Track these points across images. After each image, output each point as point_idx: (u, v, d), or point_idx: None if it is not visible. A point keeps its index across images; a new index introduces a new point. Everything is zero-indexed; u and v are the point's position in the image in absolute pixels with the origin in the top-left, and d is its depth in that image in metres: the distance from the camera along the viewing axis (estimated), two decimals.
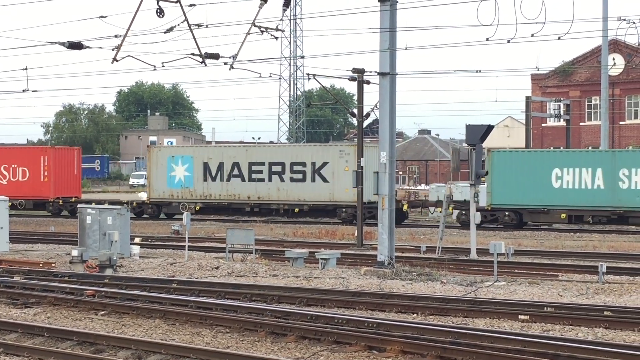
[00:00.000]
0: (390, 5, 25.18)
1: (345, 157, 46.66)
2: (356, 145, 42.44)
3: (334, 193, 47.26)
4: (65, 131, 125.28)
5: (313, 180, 47.75)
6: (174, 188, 51.03)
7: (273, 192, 48.76)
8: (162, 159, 51.73)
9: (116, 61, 23.03)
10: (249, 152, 50.49)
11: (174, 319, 17.46)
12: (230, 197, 49.96)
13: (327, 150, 49.04)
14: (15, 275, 24.41)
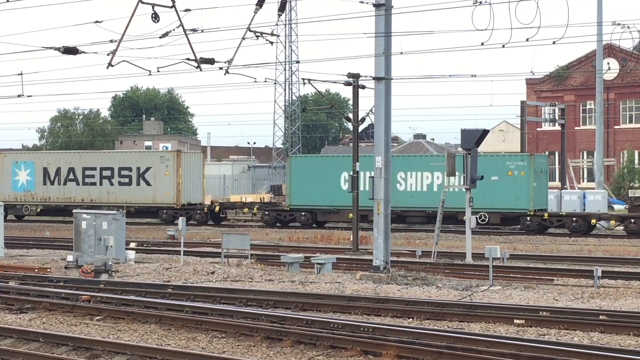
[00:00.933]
0: (386, 10, 25.22)
1: (165, 163, 51.11)
2: (175, 152, 52.58)
3: (156, 196, 51.26)
4: (60, 136, 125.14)
5: (138, 184, 51.68)
6: (17, 192, 54.52)
7: (104, 195, 52.33)
8: (7, 165, 55.02)
9: (111, 66, 23.03)
10: (82, 158, 53.99)
11: (170, 324, 17.44)
12: (67, 200, 53.23)
13: (150, 156, 53.58)
14: (10, 281, 24.37)
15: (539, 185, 44.40)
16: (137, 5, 22.12)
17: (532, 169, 43.91)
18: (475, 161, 29.93)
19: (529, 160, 44.20)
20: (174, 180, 50.72)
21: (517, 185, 43.21)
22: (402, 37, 26.44)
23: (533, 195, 43.72)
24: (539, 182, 44.65)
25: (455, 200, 41.15)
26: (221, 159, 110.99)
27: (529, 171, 43.86)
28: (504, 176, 44.12)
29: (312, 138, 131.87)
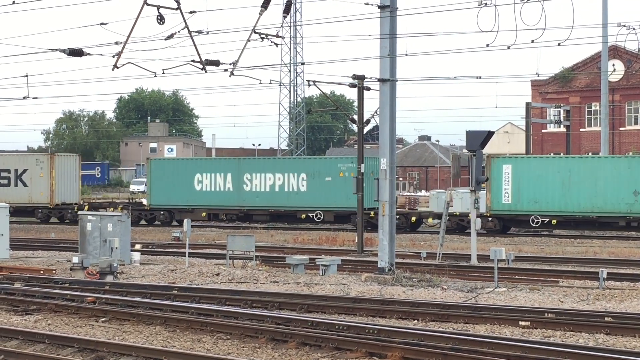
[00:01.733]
0: (391, 12, 25.22)
1: (40, 165, 53.51)
2: (49, 155, 54.62)
3: (32, 196, 53.79)
4: (65, 138, 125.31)
5: (16, 185, 54.18)
6: None
7: None
8: None
9: (117, 68, 23.05)
10: None
11: (175, 326, 17.46)
12: None
13: (26, 158, 55.88)
14: (16, 282, 24.40)
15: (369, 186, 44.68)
16: (142, 7, 22.14)
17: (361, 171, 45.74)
18: (480, 163, 29.92)
19: (356, 162, 44.75)
20: (48, 181, 53.15)
21: (348, 186, 43.77)
22: (407, 38, 26.50)
23: None
24: (370, 182, 44.67)
25: (293, 199, 48.44)
26: None
27: (357, 172, 44.47)
28: (336, 177, 48.00)
29: (317, 140, 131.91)
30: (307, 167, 49.29)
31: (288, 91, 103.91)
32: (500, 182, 44.69)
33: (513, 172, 44.64)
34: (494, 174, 44.50)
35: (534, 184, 44.21)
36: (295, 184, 49.07)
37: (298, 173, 49.12)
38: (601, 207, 43.16)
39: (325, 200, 47.82)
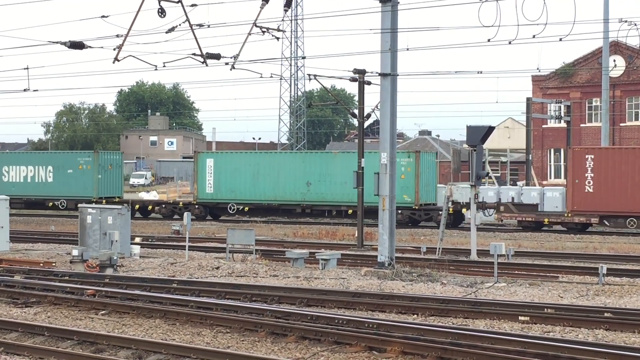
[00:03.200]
0: (392, 6, 25.19)
1: None
2: None
3: None
4: (65, 131, 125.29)
5: None
6: None
7: None
8: None
9: (117, 61, 23.03)
10: None
11: (175, 319, 17.46)
12: None
13: None
14: (15, 275, 24.42)
15: (104, 177, 54.79)
16: (143, 0, 22.12)
17: (97, 163, 54.40)
18: (481, 158, 29.91)
19: (93, 156, 54.99)
20: None
21: (87, 177, 54.33)
22: (408, 33, 26.44)
23: (97, 186, 54.23)
24: (105, 174, 54.81)
25: (42, 189, 55.04)
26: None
27: (93, 165, 54.30)
28: (77, 170, 54.86)
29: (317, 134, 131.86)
30: (53, 161, 55.82)
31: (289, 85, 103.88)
32: (204, 174, 51.30)
33: (215, 165, 51.54)
34: (200, 167, 51.47)
35: (231, 176, 50.77)
36: (44, 175, 55.69)
37: (46, 166, 55.57)
38: (282, 196, 49.86)
39: (68, 190, 54.68)
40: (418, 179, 46.92)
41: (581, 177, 43.16)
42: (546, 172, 70.21)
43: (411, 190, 46.86)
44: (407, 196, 46.47)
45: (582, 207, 43.18)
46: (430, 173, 48.95)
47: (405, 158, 46.99)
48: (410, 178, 46.91)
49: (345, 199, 46.87)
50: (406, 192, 46.33)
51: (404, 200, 45.86)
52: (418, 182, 46.95)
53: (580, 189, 43.13)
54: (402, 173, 45.97)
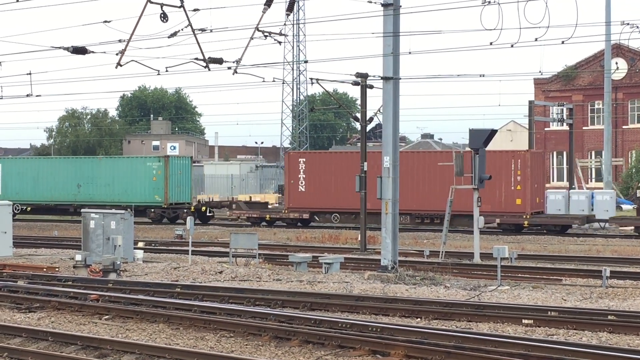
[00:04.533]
0: (394, 10, 25.22)
1: None
2: None
3: None
4: (68, 136, 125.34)
5: None
6: None
7: None
8: None
9: (120, 66, 23.06)
10: None
11: (178, 324, 17.47)
12: None
13: None
14: (19, 280, 24.43)
15: None
16: (145, 5, 22.16)
17: None
18: (484, 161, 29.90)
19: None
20: None
21: None
22: (410, 36, 26.45)
23: None
24: None
25: None
26: (229, 159, 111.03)
27: None
28: None
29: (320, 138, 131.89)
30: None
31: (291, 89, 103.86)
32: None
33: (2, 170, 56.28)
34: None
35: (17, 179, 55.58)
36: None
37: None
38: (58, 197, 54.61)
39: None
40: (167, 181, 52.14)
41: (296, 178, 49.05)
42: (549, 176, 70.15)
43: (161, 191, 52.11)
44: (158, 196, 51.97)
45: (296, 204, 48.74)
46: (182, 176, 53.47)
47: (156, 162, 52.84)
48: (160, 180, 52.21)
49: (109, 199, 52.42)
50: (157, 193, 52.02)
51: (155, 200, 51.60)
52: (167, 183, 52.13)
53: (295, 189, 48.92)
54: (154, 175, 52.28)
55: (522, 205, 44.16)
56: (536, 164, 45.72)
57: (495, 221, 44.85)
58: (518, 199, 44.22)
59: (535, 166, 45.31)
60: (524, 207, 44.13)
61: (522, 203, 44.19)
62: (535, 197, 45.15)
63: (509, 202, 44.31)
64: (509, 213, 44.42)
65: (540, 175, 46.67)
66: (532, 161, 44.79)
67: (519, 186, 44.25)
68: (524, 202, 44.20)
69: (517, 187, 44.23)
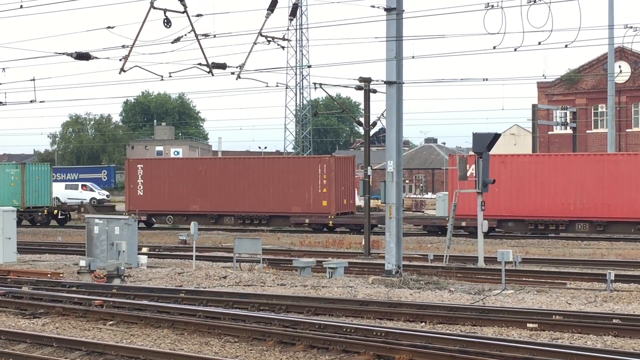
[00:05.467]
0: (397, 15, 25.22)
1: None
2: None
3: None
4: (72, 141, 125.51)
5: None
6: None
7: None
8: None
9: (124, 71, 23.10)
10: None
11: (183, 329, 17.47)
12: None
13: None
14: (23, 286, 24.45)
15: None
16: (149, 10, 22.19)
17: None
18: (487, 165, 29.89)
19: None
20: None
21: None
22: (414, 41, 26.46)
23: None
24: None
25: None
26: None
27: None
28: None
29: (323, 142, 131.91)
30: None
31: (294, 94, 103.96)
32: None
33: None
34: None
35: None
36: None
37: None
38: None
39: None
40: (24, 187, 54.84)
41: (135, 183, 52.74)
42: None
43: (18, 195, 54.80)
44: (15, 200, 54.07)
45: (135, 207, 51.11)
46: (40, 181, 55.76)
47: (14, 169, 55.51)
48: (17, 186, 54.98)
49: None
50: (15, 197, 54.60)
51: (13, 204, 51.02)
52: (24, 189, 54.83)
53: (135, 193, 52.61)
54: (12, 182, 54.95)
55: (328, 206, 48.09)
56: (343, 168, 49.66)
57: (305, 221, 48.85)
58: (324, 200, 48.14)
59: (341, 170, 49.31)
60: (329, 209, 48.02)
61: (328, 204, 48.13)
62: (342, 199, 49.04)
63: (317, 204, 48.28)
64: (317, 214, 48.26)
65: (349, 178, 50.32)
66: (337, 166, 48.81)
67: (325, 189, 48.16)
68: (329, 203, 48.07)
69: (324, 190, 48.19)
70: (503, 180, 42.64)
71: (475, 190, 30.25)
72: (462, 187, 34.13)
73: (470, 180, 31.05)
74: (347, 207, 49.64)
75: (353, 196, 50.81)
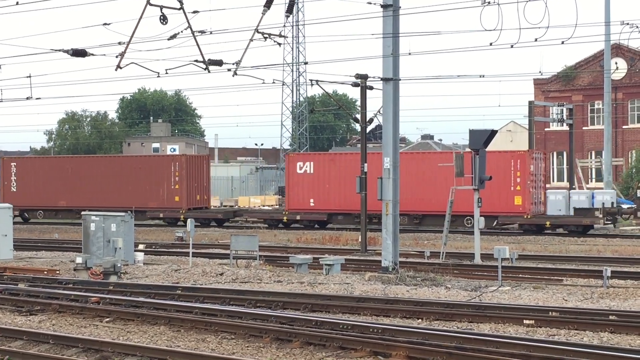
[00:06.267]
0: (393, 11, 25.22)
1: None
2: None
3: None
4: (68, 138, 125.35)
5: None
6: None
7: None
8: None
9: (120, 68, 23.06)
10: None
11: (179, 326, 17.47)
12: None
13: None
14: (19, 283, 24.43)
15: None
16: (145, 7, 22.15)
17: None
18: (484, 162, 29.89)
19: None
20: None
21: None
22: (410, 37, 26.45)
23: None
24: None
25: None
26: (229, 161, 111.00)
27: None
28: None
29: (320, 139, 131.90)
30: None
31: (291, 91, 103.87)
32: None
33: None
34: None
35: None
36: None
37: None
38: None
39: None
40: None
41: (9, 180, 56.31)
42: (549, 176, 70.14)
43: None
44: None
45: (10, 202, 52.43)
46: None
47: None
48: None
49: None
50: None
51: None
52: None
53: (8, 189, 56.02)
54: None
55: (180, 201, 52.01)
56: (196, 166, 53.39)
57: (160, 215, 52.46)
58: (177, 196, 52.13)
59: (195, 168, 53.03)
60: (180, 204, 51.89)
61: (180, 200, 52.07)
62: (196, 195, 52.95)
63: (170, 199, 52.07)
64: (170, 208, 52.00)
65: (203, 176, 53.94)
66: (190, 164, 52.76)
67: (177, 185, 52.18)
68: (181, 199, 52.03)
69: (176, 186, 52.18)
70: (333, 177, 47.97)
71: (471, 187, 30.26)
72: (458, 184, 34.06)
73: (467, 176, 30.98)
74: (201, 202, 53.46)
75: (208, 192, 54.55)
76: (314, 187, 48.63)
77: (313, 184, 48.70)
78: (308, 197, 48.81)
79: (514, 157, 45.24)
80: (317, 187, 48.59)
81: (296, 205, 48.87)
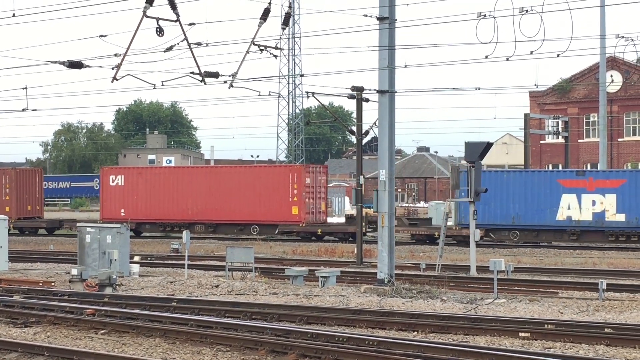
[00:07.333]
0: (389, 24, 25.26)
1: None
2: None
3: None
4: (64, 150, 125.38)
5: None
6: None
7: None
8: None
9: (116, 80, 23.07)
10: None
11: (174, 338, 17.43)
12: None
13: None
14: (14, 295, 24.36)
15: None
16: (141, 19, 22.17)
17: None
18: (479, 174, 29.92)
19: None
20: None
21: None
22: (406, 50, 26.57)
23: None
24: None
25: None
26: None
27: None
28: None
29: (316, 151, 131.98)
30: None
31: (287, 103, 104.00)
32: None
33: None
34: None
35: None
36: None
37: None
38: None
39: None
40: None
41: None
42: None
43: None
44: None
45: None
46: None
47: None
48: None
49: None
50: None
51: None
52: None
53: None
54: None
55: (10, 212, 54.26)
56: (28, 179, 57.23)
57: None
58: (7, 207, 55.22)
59: (25, 181, 56.82)
60: (10, 214, 53.44)
61: (10, 210, 54.96)
62: (27, 206, 56.56)
63: (1, 210, 53.40)
64: None
65: (35, 188, 57.46)
66: (19, 177, 56.72)
67: (8, 197, 55.97)
68: (11, 209, 55.16)
69: (7, 198, 56.01)
70: (141, 189, 52.30)
71: (468, 199, 30.28)
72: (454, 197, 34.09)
73: None
74: (33, 212, 57.29)
75: (41, 203, 58.29)
76: (125, 198, 52.76)
77: (124, 195, 52.84)
78: (119, 207, 52.77)
79: (292, 171, 50.04)
80: (127, 198, 52.67)
81: (109, 215, 52.39)
